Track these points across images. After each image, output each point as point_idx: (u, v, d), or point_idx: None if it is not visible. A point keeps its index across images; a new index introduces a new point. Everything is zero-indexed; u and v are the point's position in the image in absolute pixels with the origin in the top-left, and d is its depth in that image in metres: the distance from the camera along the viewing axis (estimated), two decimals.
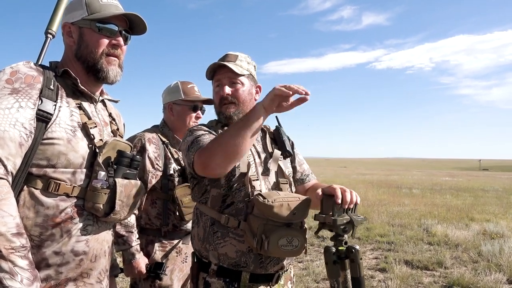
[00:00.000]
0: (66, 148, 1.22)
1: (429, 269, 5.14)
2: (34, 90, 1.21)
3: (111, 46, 1.36)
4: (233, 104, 1.67)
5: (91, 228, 1.30)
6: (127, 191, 1.34)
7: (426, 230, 7.61)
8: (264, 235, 1.42)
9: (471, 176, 39.23)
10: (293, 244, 1.45)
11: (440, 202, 12.49)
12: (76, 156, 1.25)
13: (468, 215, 9.69)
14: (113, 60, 1.37)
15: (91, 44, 1.33)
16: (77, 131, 1.27)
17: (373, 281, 4.65)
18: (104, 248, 1.37)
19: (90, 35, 1.34)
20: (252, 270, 1.55)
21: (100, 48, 1.34)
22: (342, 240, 1.44)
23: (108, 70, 1.35)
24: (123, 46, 1.40)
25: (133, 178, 1.39)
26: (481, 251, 5.86)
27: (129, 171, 1.37)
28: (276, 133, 1.80)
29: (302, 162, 1.89)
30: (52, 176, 1.21)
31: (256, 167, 1.65)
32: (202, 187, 1.64)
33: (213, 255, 1.57)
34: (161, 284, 2.14)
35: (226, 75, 1.67)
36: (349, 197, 1.40)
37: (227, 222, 1.54)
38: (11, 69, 1.23)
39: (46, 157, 1.20)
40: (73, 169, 1.25)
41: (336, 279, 1.42)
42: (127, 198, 1.35)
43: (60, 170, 1.22)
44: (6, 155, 1.11)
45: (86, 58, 1.34)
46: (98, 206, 1.27)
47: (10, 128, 1.12)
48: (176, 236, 2.21)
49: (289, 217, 1.45)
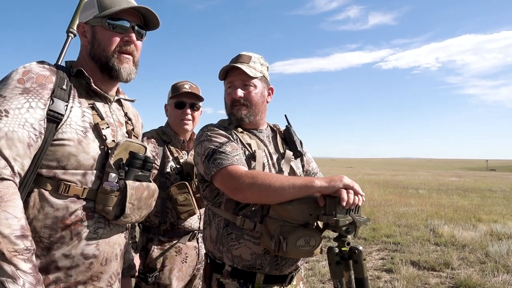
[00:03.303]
0: (77, 150, 1.20)
1: (436, 270, 5.10)
2: (46, 90, 1.19)
3: (124, 43, 1.32)
4: (244, 106, 1.67)
5: (102, 231, 1.27)
6: (138, 193, 1.30)
7: (432, 230, 7.56)
8: (282, 236, 1.42)
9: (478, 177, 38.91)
10: (311, 244, 1.45)
11: (447, 203, 12.39)
12: (87, 157, 1.23)
13: (475, 215, 9.61)
14: (125, 58, 1.33)
15: (103, 42, 1.31)
16: (88, 132, 1.25)
17: (379, 282, 4.62)
18: (115, 251, 1.33)
19: (102, 33, 1.31)
20: (267, 272, 1.55)
21: (112, 46, 1.31)
22: (345, 241, 1.44)
23: (120, 68, 1.32)
24: (136, 42, 1.36)
25: (145, 180, 1.35)
26: (489, 252, 5.81)
27: (141, 173, 1.33)
28: (286, 133, 1.81)
29: (310, 161, 1.90)
30: (62, 178, 1.19)
31: (269, 168, 1.66)
32: (213, 190, 1.62)
33: (226, 256, 1.56)
34: (159, 283, 2.14)
35: (239, 77, 1.67)
36: (353, 198, 1.40)
37: (243, 224, 1.54)
38: (24, 68, 1.21)
39: (56, 158, 1.19)
40: (83, 170, 1.23)
41: (340, 279, 1.41)
42: (138, 201, 1.31)
43: (70, 171, 1.20)
44: (14, 155, 1.09)
45: (99, 57, 1.31)
46: (108, 209, 1.24)
47: (19, 128, 1.11)
48: (175, 235, 2.21)
49: (306, 218, 1.45)
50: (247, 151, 1.63)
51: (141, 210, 1.34)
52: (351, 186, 1.41)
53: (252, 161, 1.60)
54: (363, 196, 1.45)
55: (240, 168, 1.48)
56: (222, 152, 1.53)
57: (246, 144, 1.65)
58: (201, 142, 1.63)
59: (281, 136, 1.82)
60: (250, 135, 1.71)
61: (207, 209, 1.71)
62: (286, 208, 1.42)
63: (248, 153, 1.62)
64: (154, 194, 1.40)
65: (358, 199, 1.42)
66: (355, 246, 1.42)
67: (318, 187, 1.42)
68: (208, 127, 1.70)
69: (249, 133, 1.72)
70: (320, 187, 1.41)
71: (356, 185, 1.43)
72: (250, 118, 1.68)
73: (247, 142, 1.66)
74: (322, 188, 1.42)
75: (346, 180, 1.42)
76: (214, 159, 1.52)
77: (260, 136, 1.74)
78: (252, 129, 1.74)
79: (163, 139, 2.28)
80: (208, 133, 1.64)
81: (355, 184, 1.43)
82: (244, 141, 1.66)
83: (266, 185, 1.41)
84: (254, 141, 1.69)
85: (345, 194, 1.38)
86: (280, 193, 1.41)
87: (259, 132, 1.75)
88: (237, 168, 1.48)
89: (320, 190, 1.42)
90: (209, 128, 1.68)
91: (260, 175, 1.45)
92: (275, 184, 1.41)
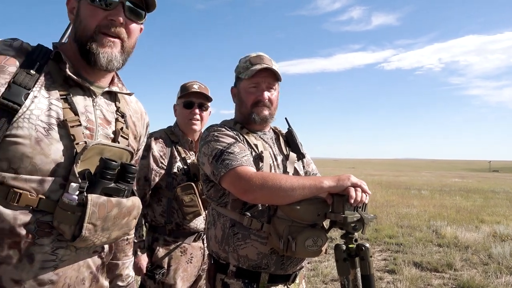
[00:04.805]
0: (33, 150, 0.97)
1: (439, 271, 5.10)
2: (3, 74, 0.97)
3: (109, 22, 1.07)
4: (267, 108, 1.69)
5: (63, 252, 1.02)
6: (103, 211, 1.01)
7: (435, 231, 7.56)
8: (290, 236, 1.44)
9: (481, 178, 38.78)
10: (318, 244, 1.47)
11: (449, 204, 12.37)
12: (46, 161, 0.98)
13: (478, 216, 9.59)
14: (108, 41, 1.07)
15: (84, 20, 1.07)
16: (52, 129, 1.00)
17: (381, 283, 4.63)
18: (82, 275, 1.09)
19: (84, 8, 1.07)
20: (273, 271, 1.57)
21: (92, 23, 1.06)
22: (352, 238, 1.46)
23: (99, 52, 1.06)
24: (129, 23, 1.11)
25: (118, 195, 1.06)
26: (492, 253, 5.80)
27: (113, 186, 1.05)
28: (289, 135, 1.83)
29: (310, 162, 1.92)
30: (11, 184, 0.95)
31: (275, 169, 1.67)
32: (219, 190, 1.63)
33: (232, 256, 1.57)
34: (164, 283, 2.16)
35: (266, 80, 1.69)
36: (360, 196, 1.43)
37: (250, 224, 1.55)
38: None
39: (7, 158, 0.95)
40: (40, 176, 0.98)
41: (346, 276, 1.43)
42: (103, 220, 1.02)
43: (23, 177, 0.96)
44: None
45: (80, 37, 1.07)
46: (64, 227, 0.99)
47: None
48: (180, 236, 2.22)
49: (314, 218, 1.48)
50: (253, 152, 1.64)
51: (108, 232, 1.06)
52: (359, 184, 1.45)
53: (260, 161, 1.61)
54: (370, 194, 1.48)
55: (249, 169, 1.49)
56: (230, 153, 1.53)
57: (253, 145, 1.66)
58: (207, 142, 1.62)
59: (283, 138, 1.84)
60: (256, 136, 1.73)
61: (210, 209, 1.72)
62: (295, 209, 1.44)
63: (255, 154, 1.63)
64: (131, 212, 1.10)
65: (365, 197, 1.45)
66: (362, 243, 1.44)
67: (327, 187, 1.45)
68: (214, 127, 1.69)
69: (254, 135, 1.73)
70: (329, 187, 1.45)
71: (364, 183, 1.47)
72: (270, 120, 1.73)
73: (254, 143, 1.67)
74: (331, 188, 1.45)
75: (353, 179, 1.46)
76: (223, 160, 1.51)
77: (264, 138, 1.76)
78: (257, 131, 1.75)
79: (171, 139, 2.30)
80: (215, 133, 1.63)
81: (363, 183, 1.46)
82: (251, 142, 1.67)
83: (277, 186, 1.42)
84: (260, 142, 1.70)
85: (353, 192, 1.42)
86: (290, 194, 1.43)
87: (263, 134, 1.77)
88: (247, 169, 1.48)
89: (329, 189, 1.45)
90: (216, 129, 1.67)
91: (270, 176, 1.47)
92: (285, 185, 1.43)
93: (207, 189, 1.69)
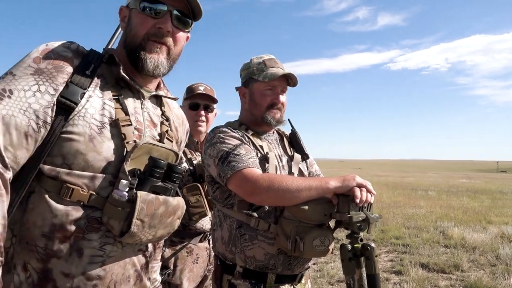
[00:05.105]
0: (86, 147, 1.01)
1: (446, 272, 5.06)
2: (62, 74, 1.02)
3: (157, 30, 1.12)
4: (280, 111, 1.73)
5: (110, 248, 1.06)
6: (151, 209, 1.05)
7: (442, 232, 7.51)
8: (298, 236, 1.46)
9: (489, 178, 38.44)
10: (325, 244, 1.49)
11: (456, 205, 12.28)
12: (98, 158, 1.03)
13: (485, 217, 9.51)
14: (156, 47, 1.12)
15: (134, 27, 1.13)
16: (105, 128, 1.05)
17: (388, 284, 4.61)
18: (128, 272, 1.11)
19: (135, 16, 1.13)
20: (280, 272, 1.58)
21: (142, 31, 1.11)
22: (358, 238, 1.48)
23: (146, 58, 1.11)
24: (175, 32, 1.15)
25: (165, 194, 1.10)
26: (499, 254, 5.75)
27: (161, 184, 1.09)
28: (293, 136, 1.85)
29: (313, 163, 1.94)
30: (65, 179, 1.00)
31: (280, 170, 1.68)
32: (225, 191, 1.63)
33: (239, 257, 1.58)
34: (170, 283, 2.17)
35: (282, 84, 1.72)
36: (365, 196, 1.44)
37: (257, 224, 1.56)
38: (46, 46, 1.06)
39: (62, 154, 1.00)
40: (92, 173, 1.03)
41: (352, 276, 1.44)
42: (151, 217, 1.05)
43: (76, 172, 1.01)
44: (5, 144, 0.92)
45: (129, 43, 1.14)
46: (113, 223, 1.02)
47: (19, 114, 0.94)
48: (186, 236, 2.23)
49: (321, 218, 1.49)
50: (259, 153, 1.65)
51: (154, 230, 1.09)
52: (364, 184, 1.46)
53: (266, 163, 1.62)
54: (375, 194, 1.49)
55: (255, 171, 1.50)
56: (236, 154, 1.53)
57: (258, 146, 1.67)
58: (213, 144, 1.62)
59: (287, 139, 1.86)
60: (261, 137, 1.74)
61: (216, 210, 1.72)
62: (303, 209, 1.46)
63: (261, 155, 1.64)
64: (176, 211, 1.14)
65: (370, 197, 1.46)
66: (368, 243, 1.46)
67: (333, 187, 1.46)
68: (219, 128, 1.70)
69: (259, 136, 1.74)
70: (335, 187, 1.46)
71: (369, 184, 1.48)
72: (282, 123, 1.76)
73: (259, 144, 1.68)
74: (336, 188, 1.47)
75: (358, 179, 1.47)
76: (229, 162, 1.52)
77: (269, 139, 1.77)
78: (262, 132, 1.77)
79: None
80: (220, 135, 1.64)
81: (368, 183, 1.48)
82: (256, 143, 1.68)
83: (283, 188, 1.44)
84: (266, 143, 1.71)
85: (358, 192, 1.43)
86: (297, 195, 1.44)
87: (267, 135, 1.78)
88: (253, 171, 1.49)
89: (335, 190, 1.47)
90: (221, 130, 1.67)
91: (276, 178, 1.48)
92: (292, 187, 1.44)
93: (212, 190, 1.70)
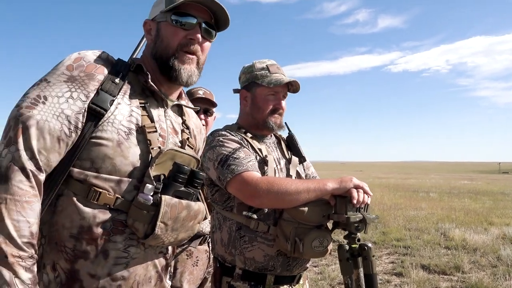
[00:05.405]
0: (114, 152, 1.06)
1: (447, 273, 5.07)
2: (93, 81, 1.08)
3: (188, 41, 1.18)
4: (280, 116, 1.76)
5: (134, 250, 1.10)
6: (174, 212, 1.09)
7: (443, 234, 7.51)
8: (297, 238, 1.48)
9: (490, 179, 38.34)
10: (324, 245, 1.51)
11: (458, 206, 12.26)
12: (125, 162, 1.08)
13: (487, 219, 9.50)
14: (188, 58, 1.19)
15: (165, 39, 1.18)
16: (132, 134, 1.11)
17: (389, 286, 4.63)
18: (149, 273, 1.15)
19: (165, 29, 1.18)
20: (279, 273, 1.60)
21: (174, 42, 1.17)
22: (355, 238, 1.50)
23: (180, 68, 1.17)
24: (202, 41, 1.21)
25: (187, 198, 1.14)
26: (500, 255, 5.75)
27: (184, 189, 1.13)
28: (290, 140, 1.87)
29: (309, 165, 1.96)
30: (93, 182, 1.05)
31: (278, 173, 1.70)
32: (224, 194, 1.65)
33: (239, 259, 1.60)
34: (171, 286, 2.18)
35: (284, 90, 1.76)
36: (362, 197, 1.47)
37: (257, 226, 1.57)
38: (78, 55, 1.11)
39: (90, 158, 1.06)
40: (118, 177, 1.07)
41: (350, 276, 1.47)
42: (174, 221, 1.10)
43: (103, 176, 1.06)
44: (39, 148, 0.98)
45: (160, 55, 1.19)
46: (138, 225, 1.07)
47: (52, 119, 1.00)
48: None
49: (320, 219, 1.52)
50: (258, 156, 1.67)
51: (176, 233, 1.13)
52: (360, 185, 1.49)
53: (264, 165, 1.64)
54: (371, 195, 1.52)
55: (255, 174, 1.52)
56: (235, 158, 1.55)
57: (257, 149, 1.69)
58: (212, 147, 1.63)
59: (284, 142, 1.88)
60: (259, 140, 1.76)
61: (215, 213, 1.73)
62: (302, 211, 1.48)
63: (260, 158, 1.66)
64: (197, 216, 1.18)
65: (367, 198, 1.49)
66: (365, 243, 1.48)
67: (331, 189, 1.49)
68: (218, 132, 1.71)
69: (258, 139, 1.76)
70: (333, 189, 1.49)
71: (365, 185, 1.51)
72: (282, 128, 1.79)
73: (258, 147, 1.70)
74: (334, 190, 1.49)
75: (355, 181, 1.50)
76: (228, 165, 1.53)
77: (267, 142, 1.79)
78: (261, 136, 1.78)
79: None
80: (219, 138, 1.65)
81: (364, 184, 1.51)
82: (255, 146, 1.70)
83: (283, 190, 1.46)
84: (264, 146, 1.73)
85: (355, 193, 1.46)
86: (296, 198, 1.47)
87: (266, 138, 1.80)
88: (252, 174, 1.51)
89: (333, 191, 1.49)
90: (220, 133, 1.69)
91: (275, 181, 1.50)
92: (291, 189, 1.46)
93: (211, 193, 1.71)
